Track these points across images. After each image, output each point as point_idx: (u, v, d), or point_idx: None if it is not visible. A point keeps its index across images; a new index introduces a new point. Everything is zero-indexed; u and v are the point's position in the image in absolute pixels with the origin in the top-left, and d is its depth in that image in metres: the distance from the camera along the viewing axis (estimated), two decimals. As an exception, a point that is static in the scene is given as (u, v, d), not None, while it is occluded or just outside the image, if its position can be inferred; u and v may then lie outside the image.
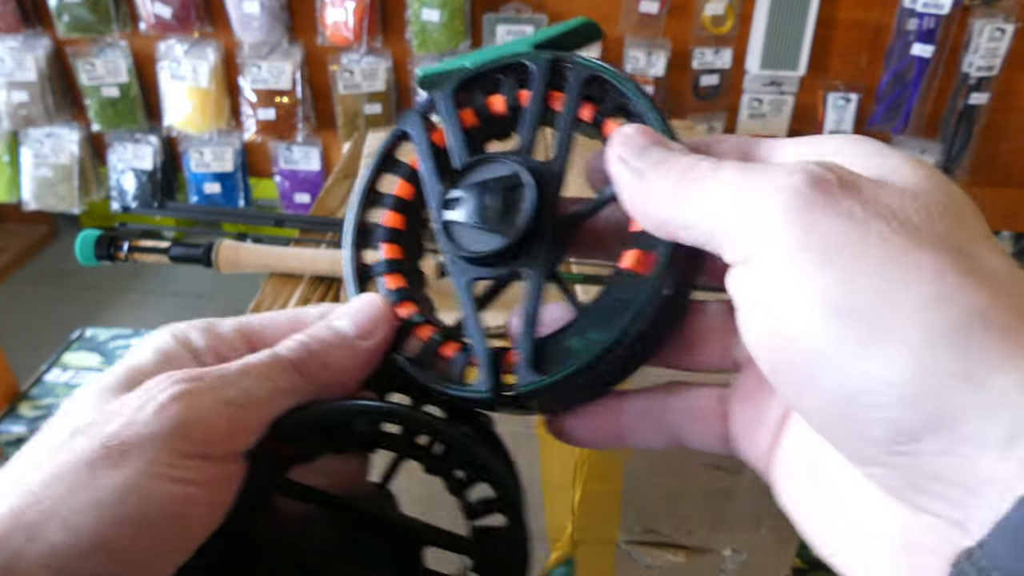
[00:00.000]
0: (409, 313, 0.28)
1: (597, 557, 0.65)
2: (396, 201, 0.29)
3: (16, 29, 1.50)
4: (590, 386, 0.25)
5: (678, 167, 0.22)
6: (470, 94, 0.28)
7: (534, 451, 0.58)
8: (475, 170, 0.27)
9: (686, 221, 0.21)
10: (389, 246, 0.29)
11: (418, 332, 0.27)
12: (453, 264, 0.26)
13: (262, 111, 1.49)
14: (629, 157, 0.23)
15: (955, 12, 1.27)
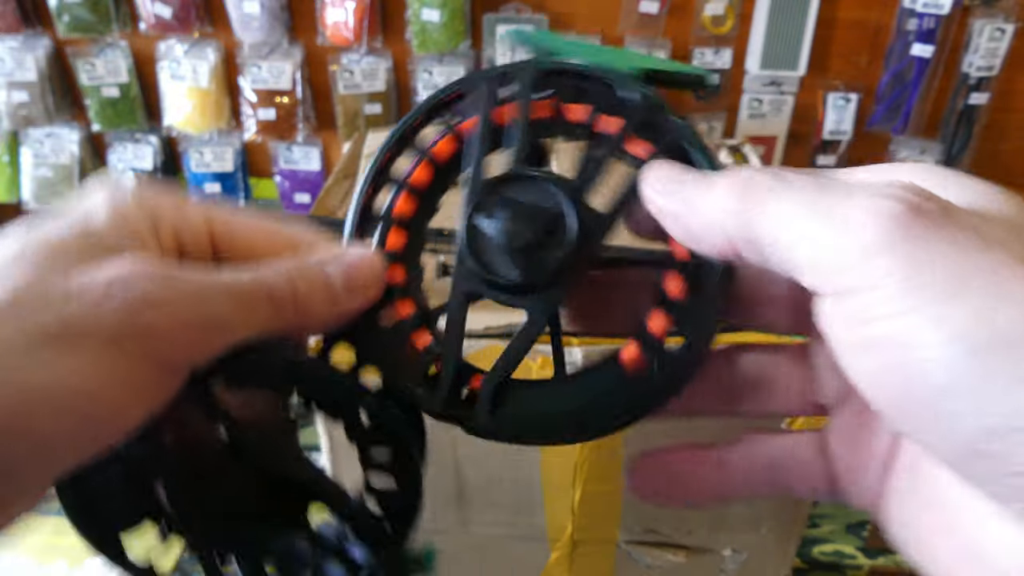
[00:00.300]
0: (397, 281, 0.26)
1: (597, 557, 0.65)
2: (426, 155, 0.27)
3: (16, 29, 1.50)
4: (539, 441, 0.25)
5: (740, 179, 0.20)
6: (548, 86, 0.26)
7: (534, 451, 0.58)
8: (524, 183, 0.25)
9: (756, 240, 0.20)
10: (405, 197, 0.27)
11: (398, 305, 0.26)
12: (459, 265, 0.25)
13: (262, 111, 1.49)
14: (666, 188, 0.23)
15: (955, 12, 1.27)
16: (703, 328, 0.23)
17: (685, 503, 0.26)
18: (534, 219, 0.24)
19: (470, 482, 0.60)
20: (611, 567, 0.66)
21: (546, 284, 0.24)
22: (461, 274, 0.25)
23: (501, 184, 0.25)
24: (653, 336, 0.24)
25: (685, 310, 0.24)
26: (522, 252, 0.24)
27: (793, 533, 0.64)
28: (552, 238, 0.24)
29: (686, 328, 0.24)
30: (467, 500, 0.62)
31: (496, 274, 0.24)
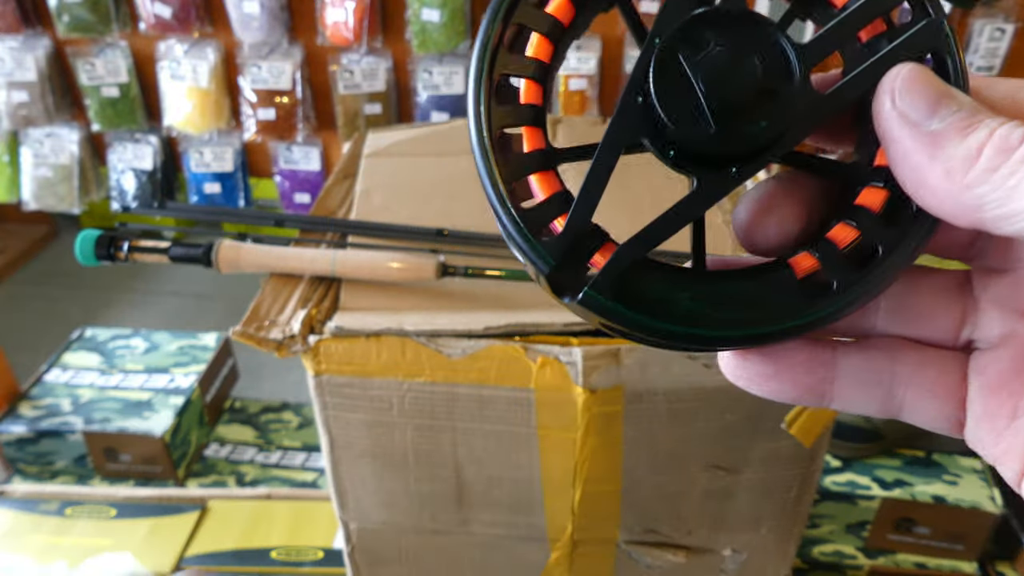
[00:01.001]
0: (534, 100, 0.22)
1: (597, 557, 0.65)
2: (555, 25, 0.21)
3: (16, 29, 1.50)
4: (661, 344, 0.21)
5: (1000, 136, 0.17)
6: None
7: (534, 451, 0.58)
8: (744, 27, 0.20)
9: (1017, 208, 0.17)
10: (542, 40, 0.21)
11: (528, 132, 0.21)
12: (625, 106, 0.20)
13: (262, 111, 1.49)
14: (917, 114, 0.18)
15: (955, 12, 1.27)
16: (899, 249, 0.20)
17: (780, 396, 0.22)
18: (757, 69, 0.19)
19: (470, 482, 0.60)
20: (611, 567, 0.66)
21: (737, 155, 0.20)
22: (625, 117, 0.20)
23: (715, 17, 0.20)
24: (835, 246, 0.20)
25: (879, 226, 0.20)
26: (732, 106, 0.19)
27: (793, 533, 0.64)
28: (767, 101, 0.20)
29: (879, 246, 0.20)
30: (467, 500, 0.62)
31: (682, 123, 0.20)
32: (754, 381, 0.22)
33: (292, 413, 1.16)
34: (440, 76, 1.43)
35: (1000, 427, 0.20)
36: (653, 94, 0.20)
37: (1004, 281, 0.21)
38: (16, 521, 0.92)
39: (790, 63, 0.20)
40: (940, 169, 0.18)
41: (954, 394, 0.21)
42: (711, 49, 0.20)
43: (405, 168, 0.78)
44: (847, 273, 0.20)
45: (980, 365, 0.21)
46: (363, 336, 0.54)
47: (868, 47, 0.21)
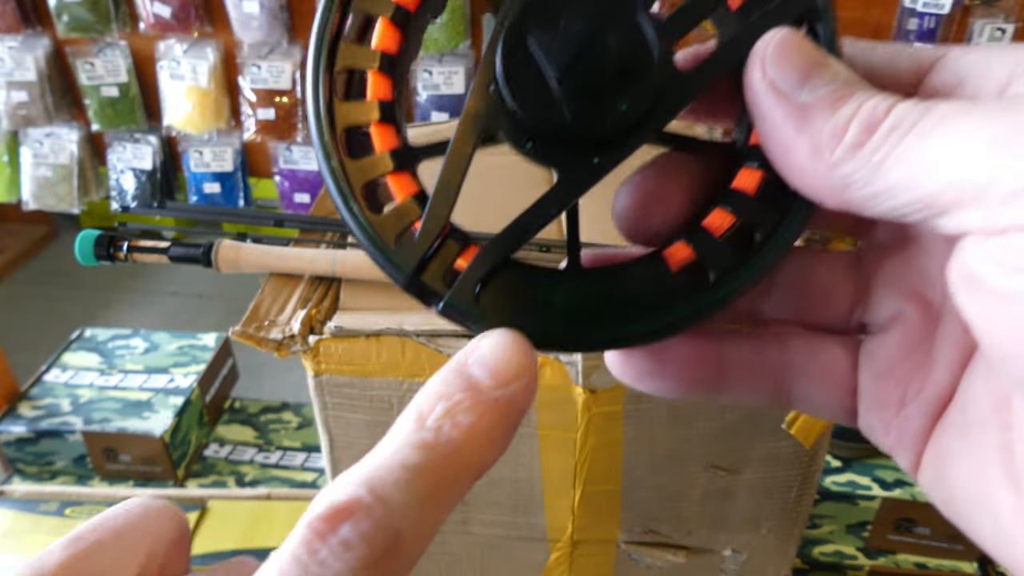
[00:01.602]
0: (382, 96, 0.19)
1: (597, 557, 0.65)
2: (399, 10, 0.19)
3: (16, 29, 1.50)
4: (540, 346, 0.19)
5: (867, 110, 0.16)
6: None
7: (534, 451, 0.58)
8: (588, 2, 0.18)
9: (884, 187, 0.16)
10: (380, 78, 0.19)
11: (380, 132, 0.19)
12: (478, 92, 0.19)
13: (262, 111, 1.49)
14: (787, 83, 0.17)
15: (955, 12, 1.27)
16: (778, 234, 0.19)
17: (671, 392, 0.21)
18: (610, 48, 0.18)
19: (470, 482, 0.61)
20: (611, 567, 0.66)
21: (597, 142, 0.18)
22: (477, 105, 0.19)
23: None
24: (710, 235, 0.19)
25: (755, 210, 0.19)
26: (586, 89, 0.18)
27: (793, 533, 0.64)
28: (626, 82, 0.18)
29: (756, 232, 0.19)
30: (467, 500, 0.62)
31: (535, 111, 0.18)
32: (639, 379, 0.21)
33: (292, 413, 1.16)
34: (440, 76, 1.43)
35: (890, 416, 0.20)
36: (501, 80, 0.18)
37: (894, 259, 0.20)
38: (16, 521, 0.92)
39: (649, 40, 0.18)
40: (808, 145, 0.17)
41: (845, 382, 0.21)
42: (561, 28, 0.18)
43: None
44: (724, 263, 0.19)
45: (869, 350, 0.20)
46: (363, 336, 0.54)
47: (740, 15, 0.20)
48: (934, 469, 0.19)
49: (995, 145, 0.15)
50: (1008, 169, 0.14)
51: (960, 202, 0.15)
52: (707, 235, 0.19)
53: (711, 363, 0.21)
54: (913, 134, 0.16)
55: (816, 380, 0.21)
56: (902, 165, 0.16)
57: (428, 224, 0.19)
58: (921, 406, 0.19)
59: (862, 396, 0.20)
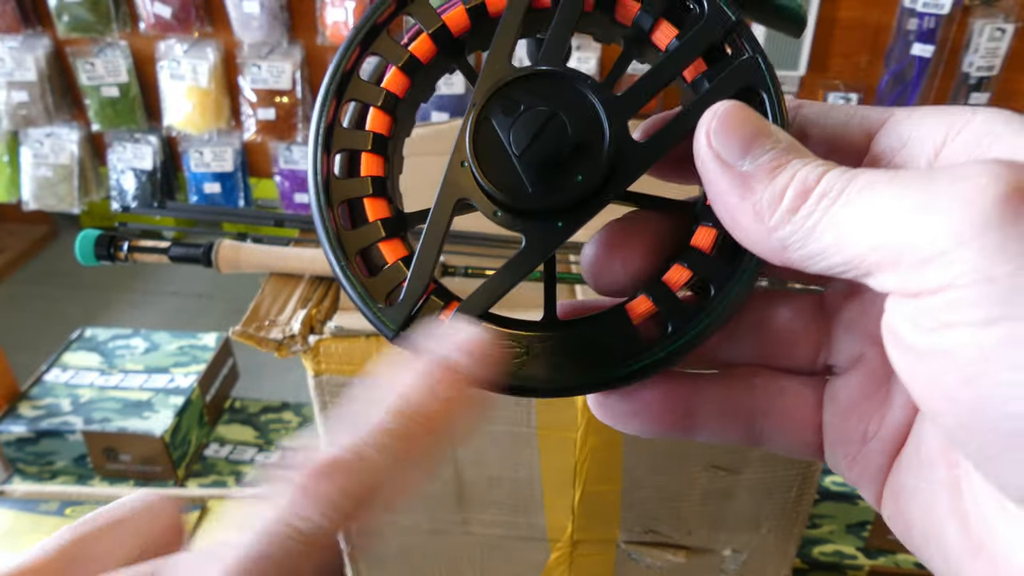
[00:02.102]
0: (374, 172, 0.22)
1: (597, 557, 0.65)
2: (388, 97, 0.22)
3: (16, 29, 1.50)
4: (514, 393, 0.21)
5: (800, 179, 0.18)
6: None
7: (534, 451, 0.58)
8: (557, 84, 0.20)
9: (817, 249, 0.17)
10: (397, 72, 0.22)
11: (369, 204, 0.21)
12: (454, 166, 0.21)
13: (262, 111, 1.49)
14: (730, 154, 0.18)
15: (955, 12, 1.27)
16: (731, 291, 0.20)
17: (645, 431, 0.22)
18: (565, 128, 0.20)
19: (470, 482, 0.60)
20: (611, 567, 0.66)
21: (557, 210, 0.20)
22: (453, 179, 0.21)
23: (528, 79, 0.21)
24: (668, 289, 0.21)
25: (710, 266, 0.21)
26: (544, 165, 0.20)
27: (793, 533, 0.64)
28: (581, 156, 0.20)
29: (711, 285, 0.21)
30: (467, 500, 0.62)
31: (501, 185, 0.20)
32: (618, 420, 0.22)
33: (292, 413, 1.16)
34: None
35: (853, 451, 0.21)
36: (471, 159, 0.20)
37: (853, 304, 0.22)
38: (16, 521, 0.92)
39: (603, 117, 0.20)
40: (750, 210, 0.18)
41: (811, 421, 0.22)
42: (520, 111, 0.20)
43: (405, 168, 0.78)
44: (681, 315, 0.21)
45: (833, 390, 0.22)
46: (363, 336, 0.54)
47: (693, 87, 0.21)
48: (893, 503, 0.20)
49: (911, 213, 0.16)
50: (921, 236, 0.15)
51: (880, 265, 0.16)
52: (666, 289, 0.21)
53: (682, 406, 0.22)
54: (840, 201, 0.17)
55: (783, 419, 0.22)
56: (831, 230, 0.17)
57: (412, 285, 0.21)
58: (881, 443, 0.20)
59: (827, 433, 0.22)
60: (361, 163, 0.22)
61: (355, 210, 0.22)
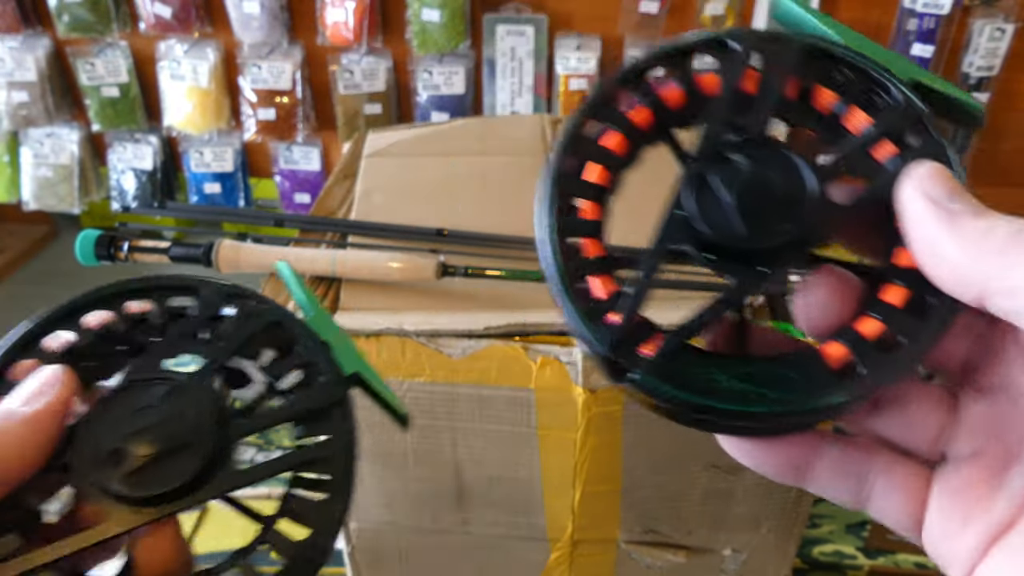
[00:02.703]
0: (590, 216, 0.25)
1: (597, 557, 0.65)
2: (611, 156, 0.26)
3: (16, 29, 1.50)
4: (696, 422, 0.24)
5: (1007, 219, 0.20)
6: (805, 65, 0.25)
7: (534, 451, 0.58)
8: (765, 151, 0.24)
9: (1017, 283, 0.19)
10: (618, 135, 0.26)
11: (587, 244, 0.25)
12: (669, 218, 0.24)
13: (262, 111, 1.49)
14: (938, 194, 0.21)
15: (955, 12, 1.27)
16: (919, 342, 0.22)
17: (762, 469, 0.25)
18: (775, 183, 0.23)
19: (470, 482, 0.60)
20: (611, 567, 0.66)
21: (766, 254, 0.23)
22: (669, 227, 0.24)
23: (740, 145, 0.24)
24: (863, 338, 0.23)
25: (901, 319, 0.23)
26: (756, 214, 0.23)
27: (793, 533, 0.64)
28: (788, 209, 0.23)
29: (900, 335, 0.23)
30: (467, 500, 0.62)
31: (717, 230, 0.23)
32: (745, 450, 0.25)
33: (292, 413, 1.16)
34: (440, 76, 1.43)
35: (953, 530, 0.22)
36: (693, 207, 0.23)
37: (986, 405, 0.23)
38: (16, 521, 0.92)
39: (807, 179, 0.23)
40: (957, 240, 0.20)
41: (918, 495, 0.23)
42: (738, 168, 0.23)
43: (405, 168, 0.78)
44: (874, 360, 0.22)
45: (945, 473, 0.23)
46: (363, 336, 0.54)
47: (884, 165, 0.24)
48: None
49: None
50: None
51: None
52: (860, 336, 0.23)
53: (809, 454, 0.24)
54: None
55: (891, 490, 0.24)
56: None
57: (626, 313, 0.23)
58: (984, 526, 0.22)
59: (930, 509, 0.23)
60: (584, 208, 0.25)
61: (575, 249, 0.25)
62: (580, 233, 0.25)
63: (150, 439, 0.25)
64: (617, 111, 0.26)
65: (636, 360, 0.23)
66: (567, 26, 1.41)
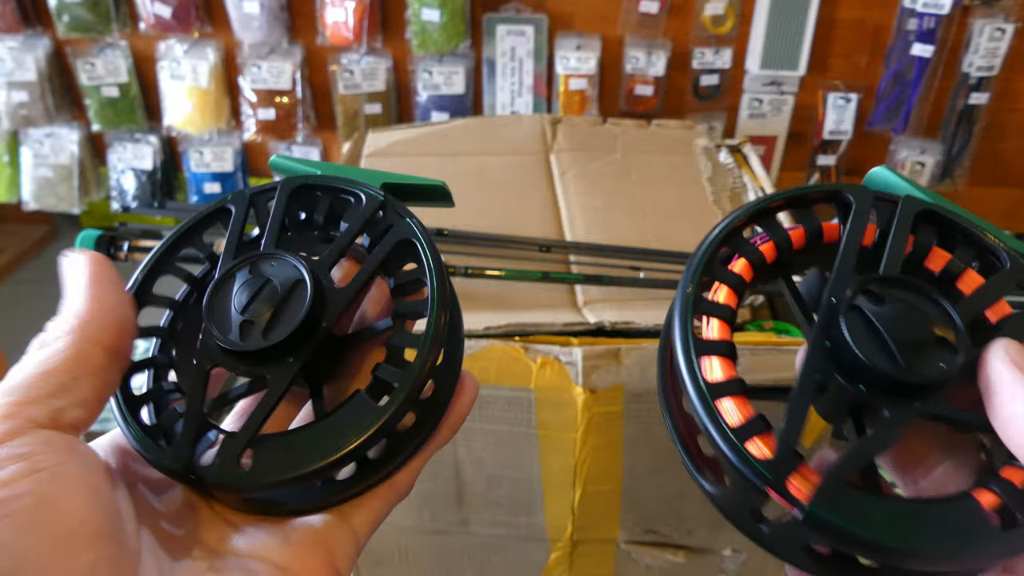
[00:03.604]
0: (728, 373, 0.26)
1: (597, 557, 0.65)
2: (739, 281, 0.28)
3: (16, 29, 1.50)
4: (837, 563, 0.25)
5: None
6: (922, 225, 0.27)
7: (534, 451, 0.58)
8: (907, 291, 0.25)
9: None
10: (745, 263, 0.28)
11: (721, 362, 0.26)
12: (815, 349, 0.25)
13: (262, 111, 1.49)
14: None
15: (955, 12, 1.27)
16: None
17: None
18: (928, 321, 0.24)
19: (470, 482, 0.60)
20: (611, 567, 0.66)
21: (916, 388, 0.24)
22: (814, 361, 0.25)
23: (879, 282, 0.25)
24: (1014, 486, 0.24)
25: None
26: (914, 347, 0.24)
27: (793, 533, 0.64)
28: (941, 348, 0.24)
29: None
30: (467, 500, 0.62)
31: (873, 360, 0.24)
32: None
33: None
34: (440, 76, 1.43)
35: None
36: (848, 338, 0.24)
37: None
38: (16, 521, 0.92)
39: (952, 317, 0.24)
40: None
41: None
42: (888, 303, 0.25)
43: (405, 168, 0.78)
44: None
45: None
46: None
47: (994, 329, 0.26)
48: None
49: None
50: None
51: None
52: (1011, 484, 0.24)
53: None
54: None
55: None
56: None
57: (783, 444, 0.24)
58: None
59: None
60: (716, 327, 0.26)
61: (706, 364, 0.26)
62: (715, 353, 0.26)
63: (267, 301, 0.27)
64: (748, 241, 0.28)
65: (787, 493, 0.23)
66: (567, 26, 1.41)
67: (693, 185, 0.78)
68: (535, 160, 0.80)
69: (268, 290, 0.26)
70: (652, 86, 1.40)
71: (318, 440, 0.25)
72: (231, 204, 0.30)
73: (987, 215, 0.27)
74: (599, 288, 0.64)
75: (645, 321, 0.57)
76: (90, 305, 0.25)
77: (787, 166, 1.47)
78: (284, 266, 0.27)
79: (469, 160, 0.81)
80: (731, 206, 0.75)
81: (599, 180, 0.77)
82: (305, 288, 0.26)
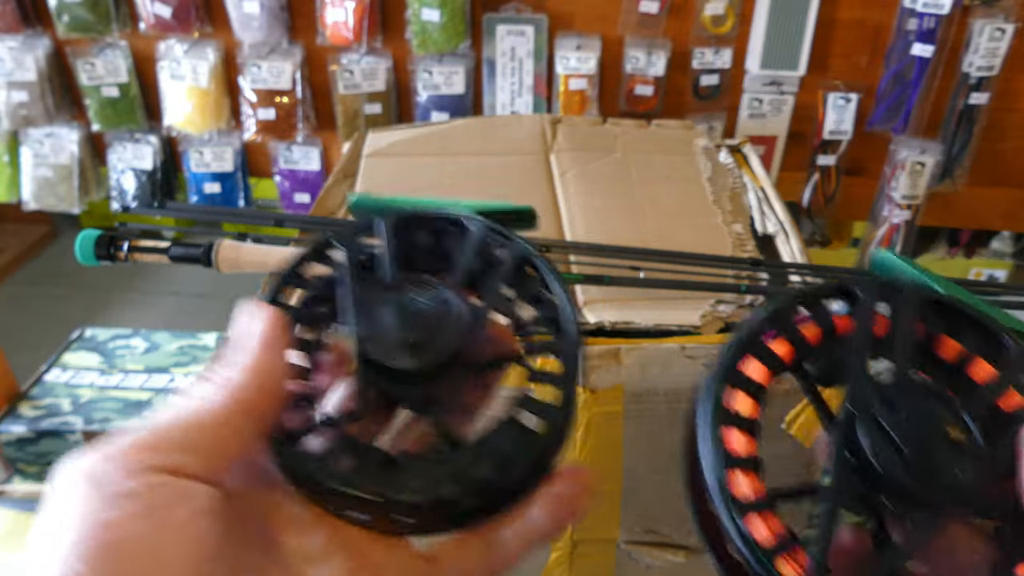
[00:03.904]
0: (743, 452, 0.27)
1: (597, 557, 0.65)
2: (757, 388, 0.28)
3: (16, 29, 1.50)
4: None
5: None
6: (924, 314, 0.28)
7: (534, 451, 0.58)
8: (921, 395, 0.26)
9: None
10: (759, 363, 0.28)
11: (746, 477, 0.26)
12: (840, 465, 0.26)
13: (262, 111, 1.49)
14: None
15: (955, 12, 1.27)
16: None
17: None
18: (947, 435, 0.25)
19: (470, 482, 0.60)
20: (611, 567, 0.66)
21: (932, 500, 0.24)
22: (841, 476, 0.25)
23: (894, 388, 0.26)
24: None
25: None
26: (930, 462, 0.24)
27: (793, 533, 0.64)
28: (959, 456, 0.25)
29: None
30: (467, 500, 0.62)
31: (894, 471, 0.24)
32: None
33: (292, 413, 1.16)
34: (440, 76, 1.43)
35: None
36: (869, 452, 0.24)
37: None
38: (16, 521, 0.92)
39: (975, 436, 0.25)
40: None
41: None
42: (904, 416, 0.25)
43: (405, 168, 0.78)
44: None
45: None
46: (363, 336, 0.54)
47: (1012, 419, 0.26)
48: None
49: None
50: None
51: None
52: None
53: None
54: None
55: None
56: None
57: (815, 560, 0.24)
58: None
59: None
60: (738, 440, 0.26)
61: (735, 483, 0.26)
62: (741, 467, 0.26)
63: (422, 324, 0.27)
64: (764, 345, 0.28)
65: None
66: (567, 26, 1.41)
67: (693, 185, 0.78)
68: (535, 160, 0.80)
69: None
70: (652, 86, 1.40)
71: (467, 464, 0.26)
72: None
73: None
74: (599, 288, 0.64)
75: (645, 321, 0.57)
76: (252, 374, 0.25)
77: (787, 166, 1.47)
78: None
79: (469, 160, 0.81)
80: (731, 206, 0.75)
81: (599, 180, 0.77)
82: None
